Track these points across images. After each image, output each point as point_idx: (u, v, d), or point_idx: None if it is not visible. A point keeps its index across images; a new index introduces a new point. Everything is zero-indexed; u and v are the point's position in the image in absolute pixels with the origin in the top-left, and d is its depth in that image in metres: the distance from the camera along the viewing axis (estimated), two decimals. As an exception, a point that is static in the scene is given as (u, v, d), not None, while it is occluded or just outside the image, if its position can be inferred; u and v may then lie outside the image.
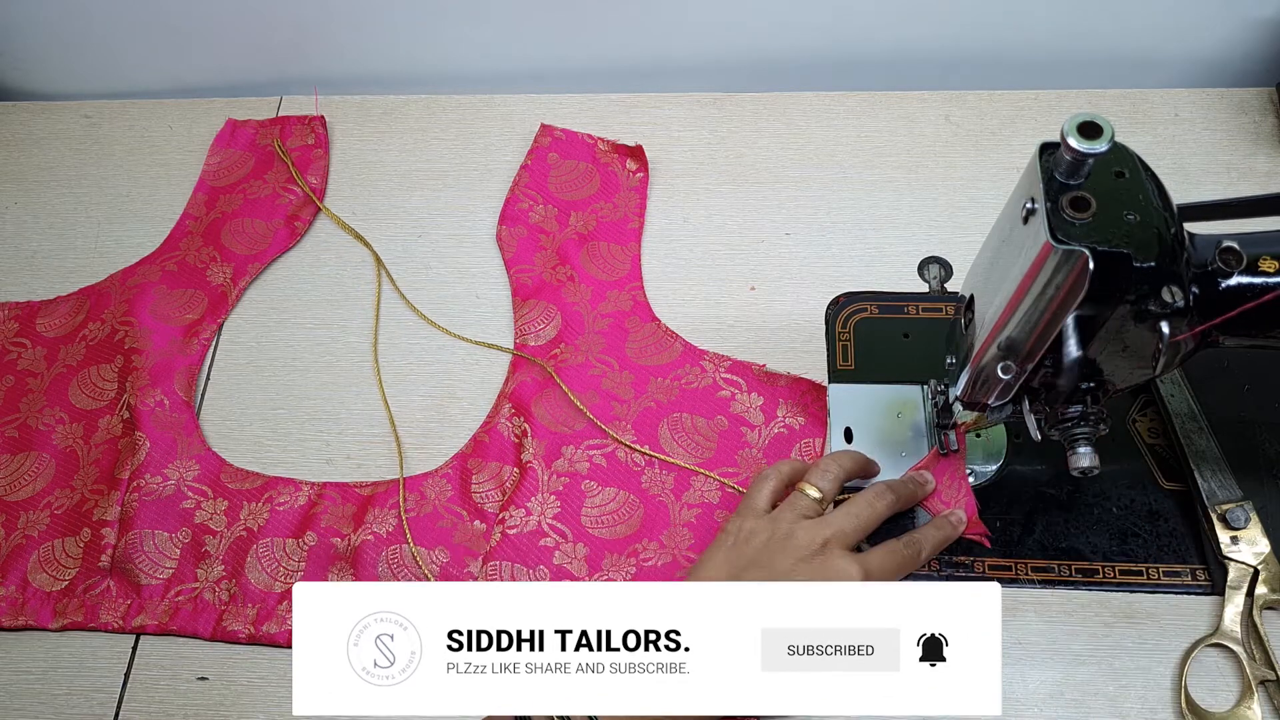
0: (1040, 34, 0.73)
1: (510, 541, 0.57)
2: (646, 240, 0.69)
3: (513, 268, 0.68)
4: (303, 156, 0.74)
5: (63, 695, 0.55)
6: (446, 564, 0.57)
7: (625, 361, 0.63)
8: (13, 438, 0.63)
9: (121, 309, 0.67)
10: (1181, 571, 0.55)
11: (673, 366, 0.63)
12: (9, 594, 0.57)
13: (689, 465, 0.59)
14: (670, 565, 0.57)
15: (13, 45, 0.79)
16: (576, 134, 0.73)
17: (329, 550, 0.58)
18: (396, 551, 0.57)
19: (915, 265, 0.66)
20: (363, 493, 0.60)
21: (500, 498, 0.59)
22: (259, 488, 0.60)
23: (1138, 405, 0.60)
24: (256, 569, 0.57)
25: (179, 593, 0.57)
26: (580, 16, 0.74)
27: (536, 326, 0.65)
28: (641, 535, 0.58)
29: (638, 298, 0.66)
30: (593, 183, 0.71)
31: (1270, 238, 0.43)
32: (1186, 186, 0.68)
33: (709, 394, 0.62)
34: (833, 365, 0.63)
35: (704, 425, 0.61)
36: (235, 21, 0.75)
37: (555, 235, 0.69)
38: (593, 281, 0.67)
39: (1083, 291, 0.39)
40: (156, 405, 0.63)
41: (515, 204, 0.71)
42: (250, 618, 0.56)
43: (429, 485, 0.60)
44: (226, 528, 0.59)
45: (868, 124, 0.73)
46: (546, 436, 0.61)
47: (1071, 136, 0.38)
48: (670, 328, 0.65)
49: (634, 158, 0.72)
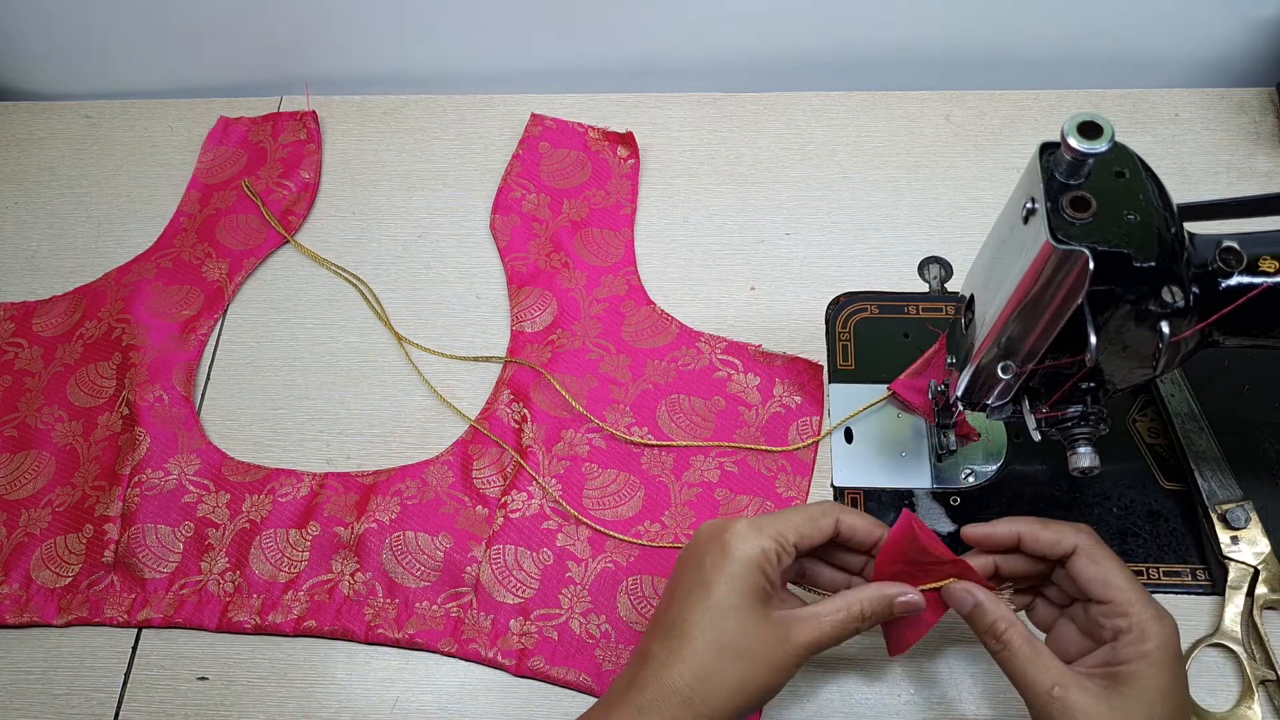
0: (1040, 34, 0.73)
1: (513, 525, 0.58)
2: (646, 240, 0.69)
3: (507, 256, 0.68)
4: (295, 152, 0.74)
5: (63, 695, 0.55)
6: (450, 549, 0.57)
7: (622, 345, 0.64)
8: (12, 437, 0.63)
9: (118, 307, 0.67)
10: (1181, 571, 0.55)
11: (669, 349, 0.64)
12: (12, 591, 0.58)
13: (700, 443, 0.59)
14: (672, 545, 0.57)
15: (13, 45, 0.78)
16: (567, 123, 0.74)
17: (333, 539, 0.58)
18: (400, 538, 0.57)
19: (915, 265, 0.66)
20: (365, 481, 0.60)
21: (501, 483, 0.59)
22: (260, 480, 0.60)
23: (1138, 405, 0.60)
24: (260, 560, 0.58)
25: (183, 586, 0.57)
26: (580, 17, 0.74)
27: (532, 313, 0.65)
28: (643, 516, 0.58)
29: (632, 282, 0.67)
30: (584, 170, 0.72)
31: (1270, 238, 0.43)
32: (1186, 186, 0.68)
33: (706, 375, 0.62)
34: (833, 365, 0.63)
35: (701, 406, 0.61)
36: (235, 21, 0.75)
37: (548, 223, 0.69)
38: (587, 267, 0.67)
39: (1083, 291, 0.39)
40: (156, 401, 0.63)
41: (508, 193, 0.71)
42: (255, 608, 0.56)
43: (430, 472, 0.60)
44: (229, 520, 0.59)
45: (868, 124, 0.73)
46: (546, 421, 0.61)
47: (1072, 136, 0.38)
48: (666, 311, 0.65)
49: (624, 144, 0.72)
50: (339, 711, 0.54)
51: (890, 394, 0.60)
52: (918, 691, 0.53)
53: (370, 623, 0.56)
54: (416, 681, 0.55)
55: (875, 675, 0.53)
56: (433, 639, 0.55)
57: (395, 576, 0.57)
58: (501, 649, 0.55)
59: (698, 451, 0.60)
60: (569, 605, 0.56)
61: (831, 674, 0.54)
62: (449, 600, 0.56)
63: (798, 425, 0.61)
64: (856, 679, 0.53)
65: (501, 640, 0.55)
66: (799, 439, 0.60)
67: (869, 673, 0.54)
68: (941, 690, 0.53)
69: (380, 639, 0.55)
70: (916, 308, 0.64)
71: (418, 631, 0.55)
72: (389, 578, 0.57)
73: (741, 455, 0.60)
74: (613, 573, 0.57)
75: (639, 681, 0.43)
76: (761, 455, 0.60)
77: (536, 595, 0.56)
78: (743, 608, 0.43)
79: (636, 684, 0.43)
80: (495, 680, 0.54)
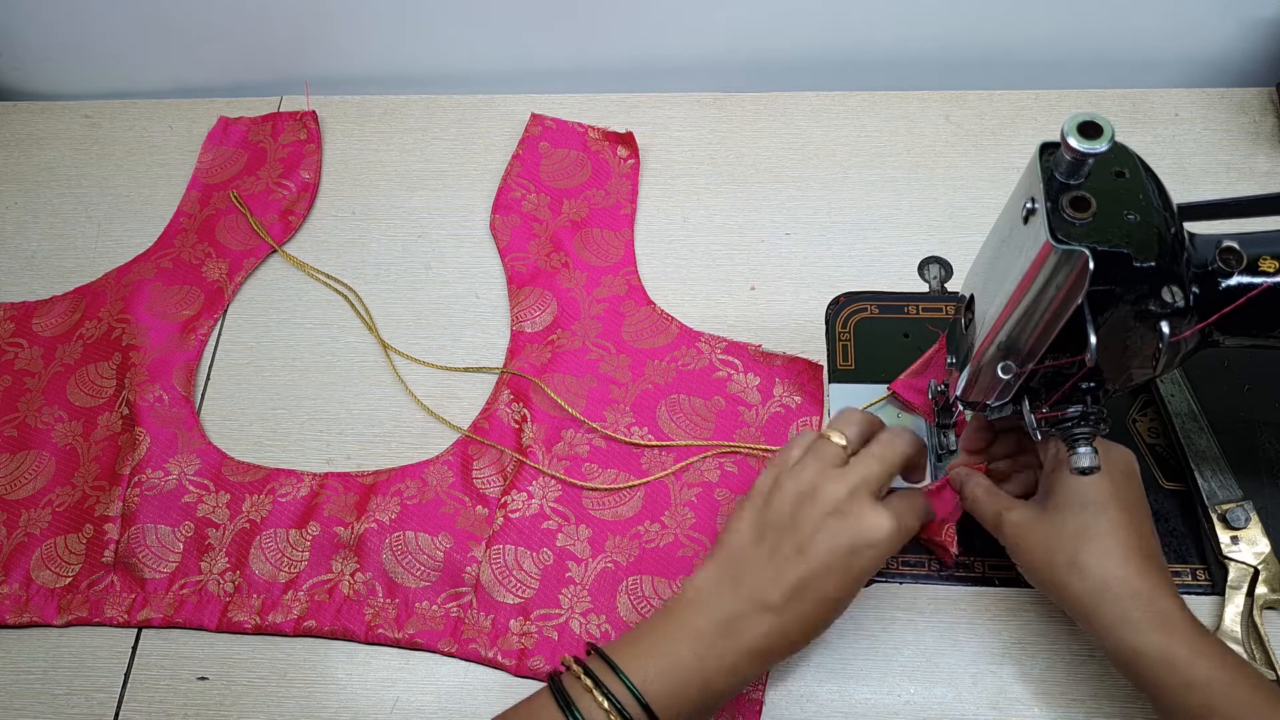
0: (1040, 34, 0.73)
1: (513, 525, 0.58)
2: (646, 240, 0.69)
3: (507, 256, 0.68)
4: (295, 152, 0.74)
5: (63, 695, 0.55)
6: (450, 549, 0.57)
7: (622, 345, 0.64)
8: (12, 437, 0.63)
9: (118, 307, 0.67)
10: (1181, 571, 0.55)
11: (669, 349, 0.64)
12: (12, 591, 0.58)
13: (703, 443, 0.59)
14: (672, 545, 0.57)
15: (13, 45, 0.79)
16: (567, 123, 0.74)
17: (332, 539, 0.58)
18: (400, 538, 0.57)
19: (915, 265, 0.66)
20: (364, 481, 0.60)
21: (501, 483, 0.59)
22: (260, 480, 0.60)
23: (1138, 405, 0.60)
24: (260, 560, 0.58)
25: (183, 585, 0.57)
26: (580, 16, 0.74)
27: (532, 313, 0.65)
28: (644, 516, 0.58)
29: (632, 282, 0.67)
30: (584, 170, 0.72)
31: (1270, 238, 0.43)
32: (1186, 186, 0.68)
33: (706, 375, 0.62)
34: (833, 365, 0.63)
35: (702, 406, 0.61)
36: (235, 22, 0.75)
37: (548, 223, 0.69)
38: (587, 267, 0.67)
39: (1083, 291, 0.39)
40: (156, 401, 0.63)
41: (508, 193, 0.71)
42: (255, 608, 0.56)
43: (430, 472, 0.60)
44: (229, 520, 0.59)
45: (868, 124, 0.73)
46: (546, 421, 0.61)
47: (1072, 136, 0.38)
48: (666, 311, 0.65)
49: (624, 144, 0.72)
50: (339, 711, 0.54)
51: (890, 394, 0.60)
52: (918, 691, 0.53)
53: (370, 623, 0.56)
54: (416, 681, 0.55)
55: (875, 675, 0.54)
56: (433, 639, 0.55)
57: (395, 576, 0.57)
58: (501, 649, 0.55)
59: (695, 451, 0.60)
60: (569, 605, 0.56)
61: (832, 674, 0.54)
62: (449, 600, 0.56)
63: (798, 425, 0.61)
64: (856, 679, 0.53)
65: (501, 640, 0.55)
66: None
67: (869, 673, 0.54)
68: (941, 690, 0.53)
69: (380, 639, 0.55)
70: (916, 308, 0.64)
71: (418, 631, 0.55)
72: (389, 578, 0.57)
73: (742, 455, 0.60)
74: (613, 573, 0.57)
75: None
76: (761, 455, 0.60)
77: (536, 595, 0.56)
78: None
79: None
80: (495, 680, 0.54)
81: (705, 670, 0.44)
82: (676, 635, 0.45)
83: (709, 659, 0.44)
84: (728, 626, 0.45)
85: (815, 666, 0.54)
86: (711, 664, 0.44)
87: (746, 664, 0.45)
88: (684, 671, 0.44)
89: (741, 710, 0.52)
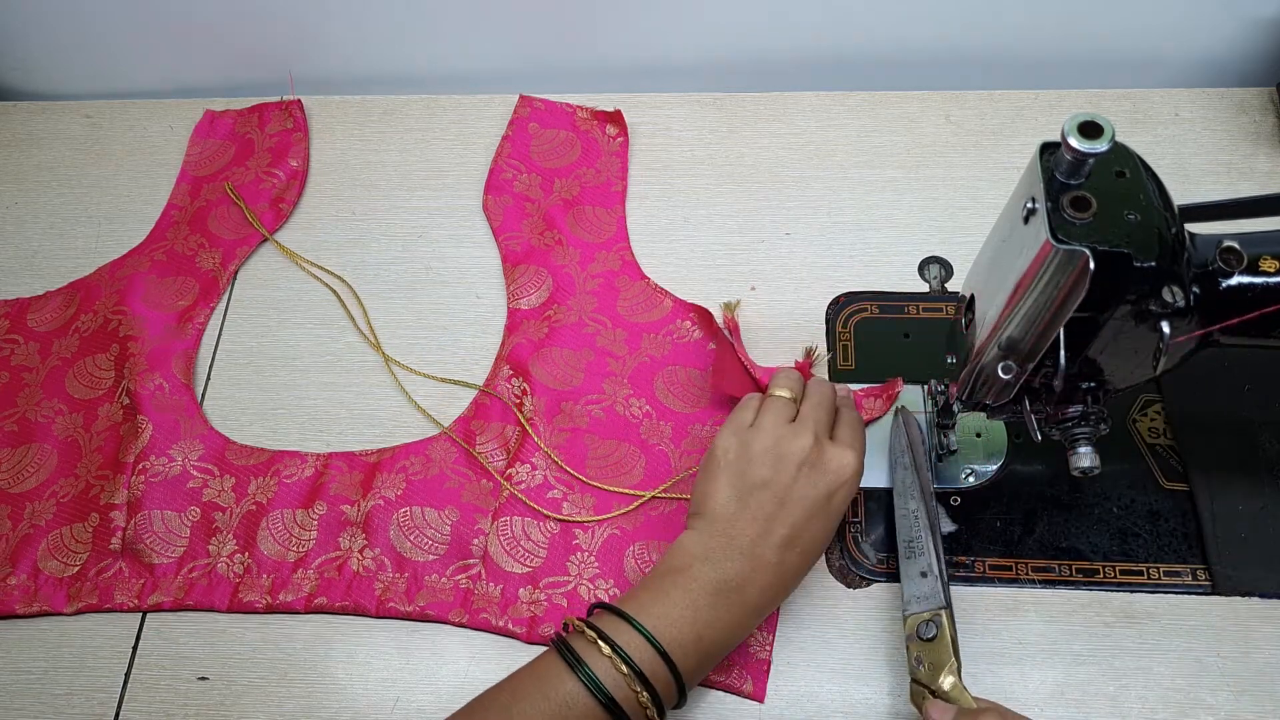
0: (1040, 34, 0.73)
1: (518, 497, 0.58)
2: (646, 240, 0.69)
3: (500, 235, 0.69)
4: (282, 141, 0.74)
5: (63, 695, 0.55)
6: (457, 523, 0.58)
7: (618, 319, 0.65)
8: (12, 432, 0.63)
9: (113, 299, 0.67)
10: (1181, 571, 0.55)
11: (664, 322, 0.65)
12: (21, 582, 0.58)
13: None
14: (676, 511, 0.58)
15: (13, 45, 0.78)
16: (555, 103, 0.74)
17: (339, 517, 0.58)
18: (407, 514, 0.58)
19: (915, 265, 0.66)
20: (369, 460, 0.61)
21: (505, 456, 0.60)
22: (265, 462, 0.61)
23: (1138, 405, 0.60)
24: (268, 540, 0.58)
25: (192, 569, 0.58)
26: (580, 17, 0.74)
27: (528, 291, 0.66)
28: (645, 485, 0.59)
29: (626, 257, 0.67)
30: (574, 150, 0.72)
31: (1270, 238, 0.43)
32: (1186, 186, 0.68)
33: (699, 347, 0.63)
34: (833, 365, 0.63)
35: (698, 376, 0.63)
36: (235, 22, 0.75)
37: (540, 202, 0.70)
38: (581, 244, 0.68)
39: (1083, 291, 0.39)
40: (156, 389, 0.63)
41: (499, 174, 0.71)
42: (266, 588, 0.57)
43: (434, 448, 0.61)
44: (235, 503, 0.59)
45: (868, 124, 0.73)
46: (545, 394, 0.62)
47: (1072, 136, 0.38)
48: (659, 284, 0.66)
49: (613, 123, 0.73)
50: (339, 711, 0.54)
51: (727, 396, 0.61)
52: (918, 691, 0.53)
53: (381, 597, 0.56)
54: (417, 681, 0.55)
55: (875, 675, 0.54)
56: (443, 610, 0.56)
57: (404, 551, 0.57)
58: (512, 617, 0.55)
59: (695, 419, 0.61)
60: (577, 572, 0.56)
61: (831, 674, 0.54)
62: (458, 572, 0.57)
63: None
64: (856, 679, 0.53)
65: (511, 609, 0.55)
66: None
67: (869, 673, 0.54)
68: (942, 690, 0.53)
69: (391, 612, 0.56)
70: (916, 308, 0.64)
71: (429, 603, 0.56)
72: (397, 553, 0.57)
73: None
74: (619, 539, 0.57)
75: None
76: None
77: (545, 564, 0.57)
78: None
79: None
80: (497, 680, 0.54)
81: (700, 626, 0.47)
82: (673, 594, 0.47)
83: (707, 615, 0.47)
84: (726, 584, 0.48)
85: (815, 666, 0.54)
86: (709, 619, 0.47)
87: (748, 619, 0.48)
88: (684, 625, 0.47)
89: (750, 669, 0.53)
